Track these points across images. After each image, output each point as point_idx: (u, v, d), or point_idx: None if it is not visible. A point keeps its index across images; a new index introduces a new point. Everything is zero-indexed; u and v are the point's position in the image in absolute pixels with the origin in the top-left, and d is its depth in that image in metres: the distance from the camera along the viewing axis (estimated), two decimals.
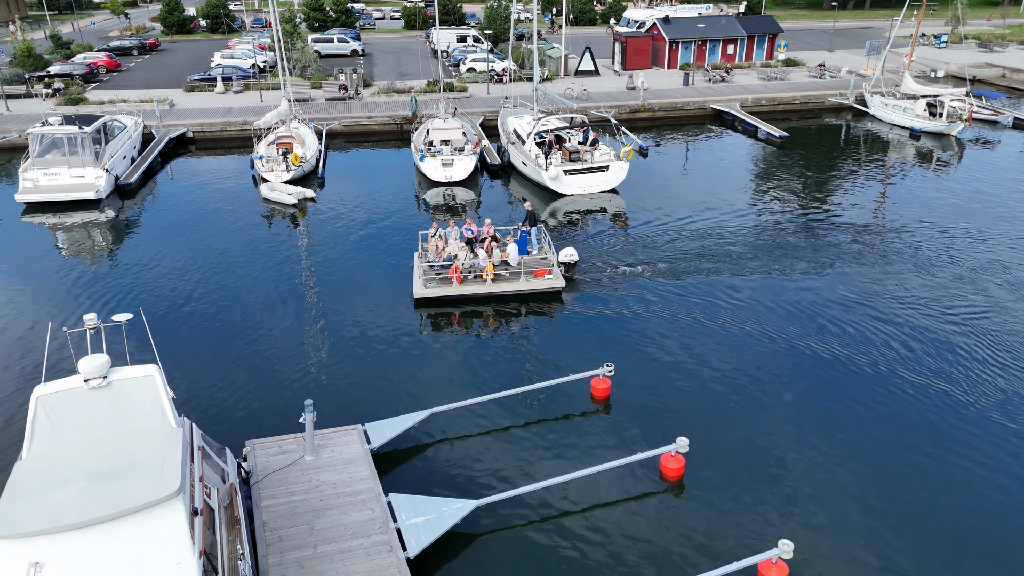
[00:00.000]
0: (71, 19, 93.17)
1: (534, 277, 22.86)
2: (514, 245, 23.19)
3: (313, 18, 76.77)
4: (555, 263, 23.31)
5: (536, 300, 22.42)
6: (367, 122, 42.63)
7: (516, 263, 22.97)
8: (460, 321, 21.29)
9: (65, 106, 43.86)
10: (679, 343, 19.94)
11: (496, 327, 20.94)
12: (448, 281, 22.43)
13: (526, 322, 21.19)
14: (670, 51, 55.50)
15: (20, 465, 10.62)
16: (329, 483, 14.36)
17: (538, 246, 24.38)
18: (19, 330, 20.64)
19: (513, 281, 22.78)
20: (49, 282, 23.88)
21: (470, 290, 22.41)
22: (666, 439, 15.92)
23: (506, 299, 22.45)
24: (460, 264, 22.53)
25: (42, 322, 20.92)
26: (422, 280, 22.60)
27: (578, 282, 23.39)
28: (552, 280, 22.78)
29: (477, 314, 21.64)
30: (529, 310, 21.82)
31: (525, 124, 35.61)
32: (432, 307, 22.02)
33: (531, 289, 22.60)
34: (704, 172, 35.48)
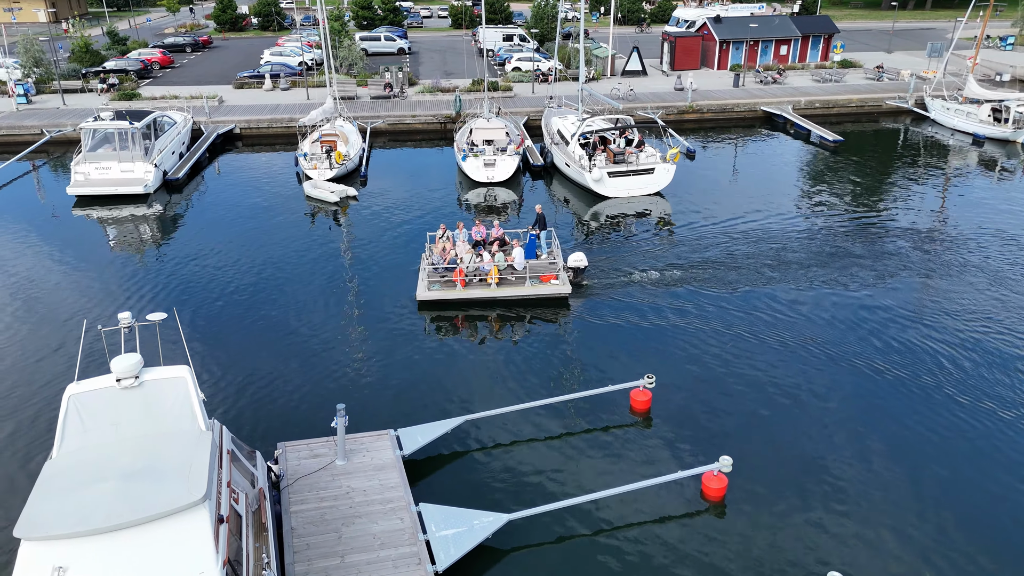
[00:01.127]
0: (128, 16, 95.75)
1: (540, 282, 22.34)
2: (520, 249, 22.68)
3: (362, 16, 77.31)
4: (561, 268, 22.69)
5: (543, 306, 21.85)
6: (411, 121, 42.58)
7: (522, 267, 22.43)
8: (493, 326, 20.87)
9: (119, 101, 44.83)
10: (721, 356, 19.19)
11: (526, 333, 20.46)
12: (452, 284, 22.03)
13: (557, 329, 20.67)
14: (720, 51, 54.23)
15: (50, 464, 10.57)
16: (359, 490, 14.09)
17: (547, 250, 23.83)
18: (59, 324, 20.96)
19: (518, 286, 22.28)
20: (92, 276, 24.23)
21: (474, 294, 21.97)
22: (708, 457, 15.27)
23: (511, 304, 21.93)
24: (464, 267, 22.11)
25: (81, 316, 21.20)
26: (426, 282, 22.26)
27: (588, 288, 22.77)
28: (558, 286, 22.21)
29: (507, 318, 21.20)
30: (549, 316, 21.26)
31: (569, 124, 35.05)
32: (435, 310, 21.64)
33: (536, 294, 22.08)
34: (753, 176, 34.43)
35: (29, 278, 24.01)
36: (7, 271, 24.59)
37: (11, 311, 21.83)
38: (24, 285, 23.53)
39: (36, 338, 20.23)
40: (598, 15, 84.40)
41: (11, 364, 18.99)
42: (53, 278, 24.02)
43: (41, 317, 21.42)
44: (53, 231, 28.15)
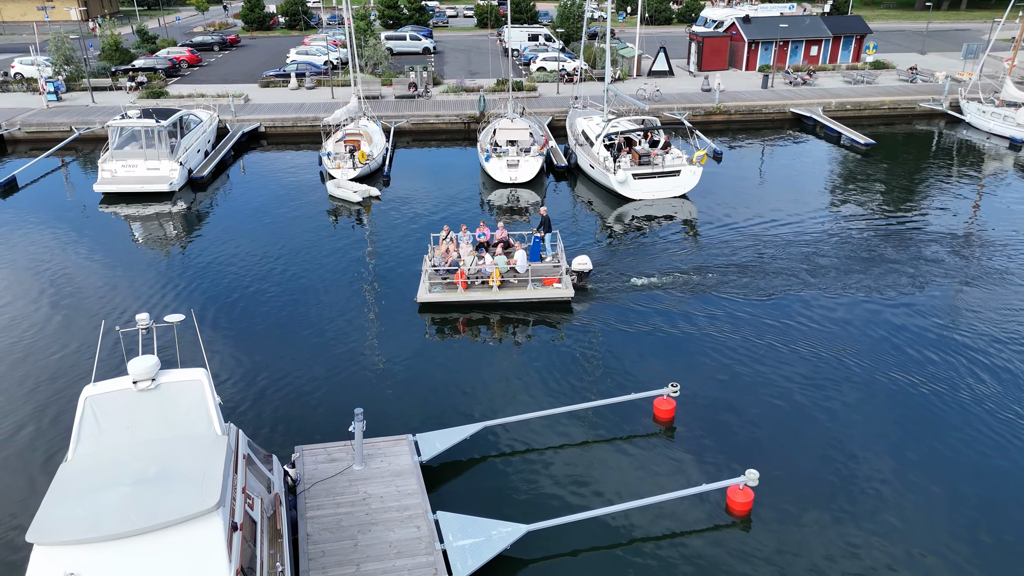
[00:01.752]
0: (158, 15, 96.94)
1: (542, 285, 22.01)
2: (522, 251, 22.33)
3: (387, 15, 77.45)
4: (564, 272, 22.32)
5: (547, 309, 21.52)
6: (435, 121, 42.43)
7: (524, 270, 22.09)
8: (512, 330, 20.57)
9: (146, 99, 45.24)
10: (748, 365, 18.70)
11: (545, 338, 20.12)
12: (453, 286, 21.78)
13: (577, 333, 20.29)
14: (749, 52, 53.42)
15: (65, 467, 10.47)
16: (376, 496, 13.87)
17: (552, 253, 23.47)
18: (80, 321, 21.02)
19: (520, 289, 21.96)
20: (115, 274, 24.34)
21: (475, 296, 21.71)
22: (734, 470, 14.84)
23: (513, 307, 21.62)
24: (466, 269, 21.84)
25: (103, 314, 21.26)
26: (427, 284, 22.00)
27: (595, 292, 22.40)
28: (560, 289, 21.85)
29: (522, 322, 20.88)
30: (567, 320, 20.89)
31: (594, 125, 34.65)
32: (436, 312, 21.41)
33: (538, 298, 21.75)
34: (781, 179, 33.77)
35: (54, 274, 24.19)
36: (33, 267, 24.80)
37: (35, 307, 21.97)
38: (48, 281, 23.69)
39: (58, 335, 20.33)
40: (624, 15, 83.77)
41: (34, 361, 19.08)
42: (77, 275, 24.17)
43: (64, 314, 21.53)
44: (79, 228, 28.37)
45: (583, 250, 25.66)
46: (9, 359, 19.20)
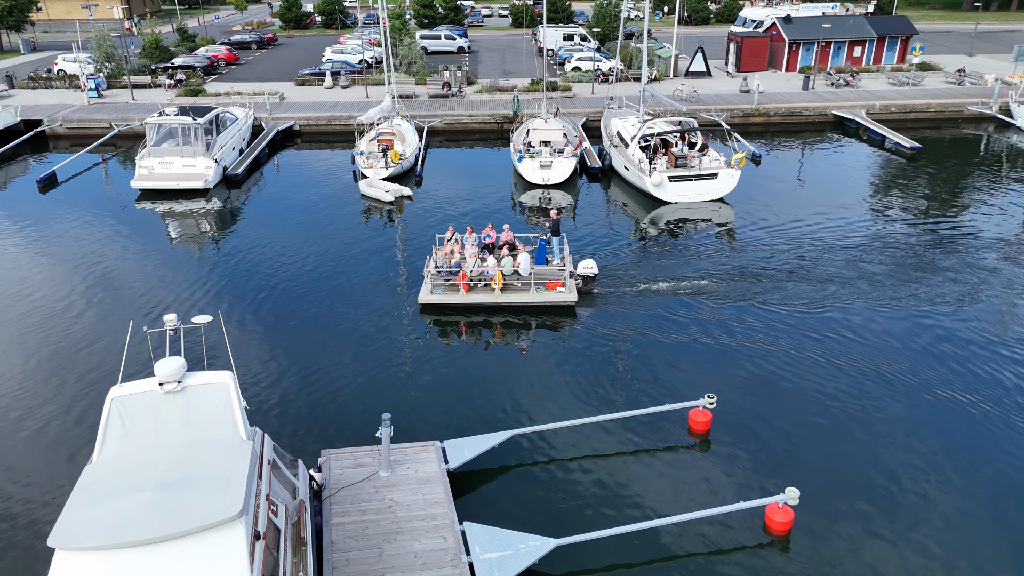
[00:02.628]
0: (198, 13, 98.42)
1: (546, 289, 21.61)
2: (526, 254, 21.96)
3: (423, 15, 77.55)
4: (568, 276, 21.89)
5: (565, 314, 21.10)
6: (468, 120, 42.19)
7: (527, 273, 21.69)
8: (540, 336, 20.15)
9: (184, 97, 45.78)
10: (788, 378, 18.04)
11: (583, 346, 19.67)
12: (456, 288, 21.47)
13: (606, 341, 19.79)
14: (790, 52, 52.26)
15: (90, 469, 10.35)
16: (402, 504, 13.59)
17: (559, 256, 23.03)
18: (111, 318, 21.09)
19: (523, 292, 21.59)
20: (147, 270, 24.47)
21: (477, 299, 21.38)
22: (772, 487, 14.26)
23: (516, 310, 21.26)
24: (468, 271, 21.50)
25: (134, 310, 21.34)
26: (430, 285, 21.72)
27: (600, 296, 21.95)
28: (563, 294, 21.44)
29: (551, 327, 20.43)
30: (596, 327, 20.37)
31: (629, 126, 34.08)
32: (437, 314, 21.13)
33: (541, 302, 21.35)
34: (822, 183, 32.82)
35: (87, 270, 24.41)
36: (68, 262, 25.06)
37: (68, 302, 22.16)
38: (82, 277, 23.90)
39: (88, 331, 20.44)
40: (661, 15, 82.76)
41: (63, 357, 19.19)
42: (110, 271, 24.34)
43: (95, 310, 21.65)
44: (115, 223, 28.65)
45: (615, 253, 25.26)
46: (40, 354, 19.35)
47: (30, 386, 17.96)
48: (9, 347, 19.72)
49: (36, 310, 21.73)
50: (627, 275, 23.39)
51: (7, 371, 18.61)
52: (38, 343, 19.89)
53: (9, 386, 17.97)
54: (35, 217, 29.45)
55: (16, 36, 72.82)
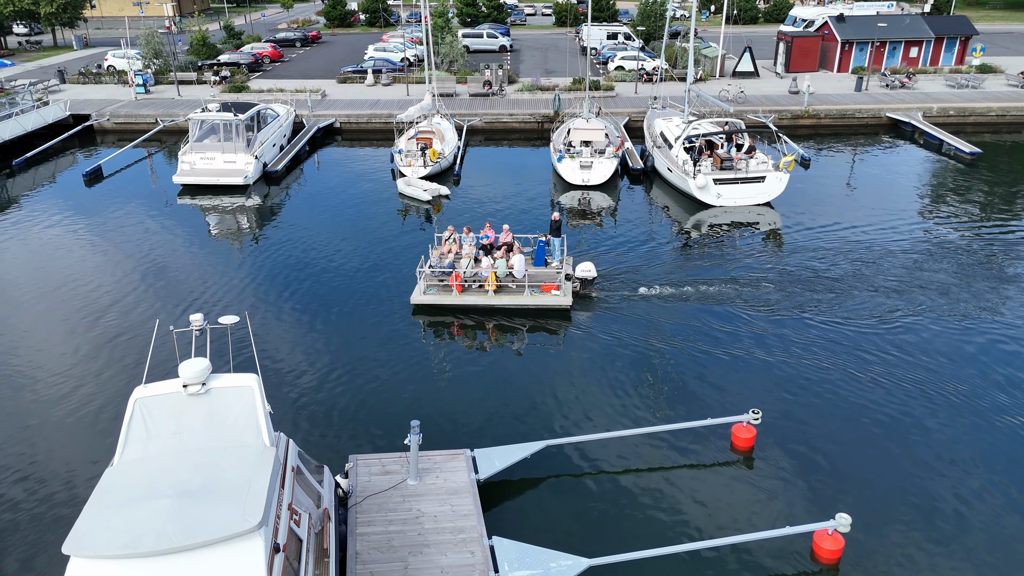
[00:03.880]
0: (245, 12, 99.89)
1: (540, 292, 21.06)
2: (519, 256, 21.35)
3: (466, 13, 77.35)
4: (563, 278, 21.29)
5: (547, 316, 20.58)
6: (508, 119, 41.68)
7: (521, 275, 21.12)
8: (573, 342, 19.50)
9: (228, 93, 46.20)
10: (840, 395, 17.08)
11: (613, 352, 18.96)
12: (449, 289, 21.08)
13: (642, 352, 19.04)
14: (842, 52, 50.57)
15: (109, 472, 10.10)
16: (430, 515, 13.12)
17: (559, 258, 22.39)
18: (139, 314, 21.03)
19: (517, 294, 21.07)
20: (180, 267, 24.46)
21: (469, 300, 20.98)
22: (821, 511, 13.41)
23: (510, 313, 20.80)
24: (462, 272, 21.02)
25: (164, 307, 21.28)
26: (423, 285, 21.35)
27: (599, 300, 21.33)
28: (558, 297, 20.86)
29: (584, 334, 19.75)
30: (631, 335, 19.63)
31: (674, 127, 33.18)
32: (430, 315, 20.74)
33: (535, 304, 20.83)
34: (875, 189, 31.47)
35: (124, 264, 24.53)
36: (106, 255, 25.24)
37: (102, 295, 22.23)
38: (118, 271, 24.01)
39: (118, 326, 20.40)
40: (708, 14, 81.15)
41: (90, 351, 19.18)
42: (145, 266, 24.41)
43: (127, 304, 21.61)
44: (156, 218, 28.85)
45: (653, 255, 24.51)
46: (68, 347, 19.37)
47: (56, 380, 17.92)
48: (39, 338, 19.83)
49: (68, 302, 21.86)
50: (665, 279, 22.60)
51: (37, 361, 18.67)
52: (67, 336, 19.94)
53: (37, 377, 18.00)
54: (79, 209, 29.86)
55: (70, 32, 74.71)
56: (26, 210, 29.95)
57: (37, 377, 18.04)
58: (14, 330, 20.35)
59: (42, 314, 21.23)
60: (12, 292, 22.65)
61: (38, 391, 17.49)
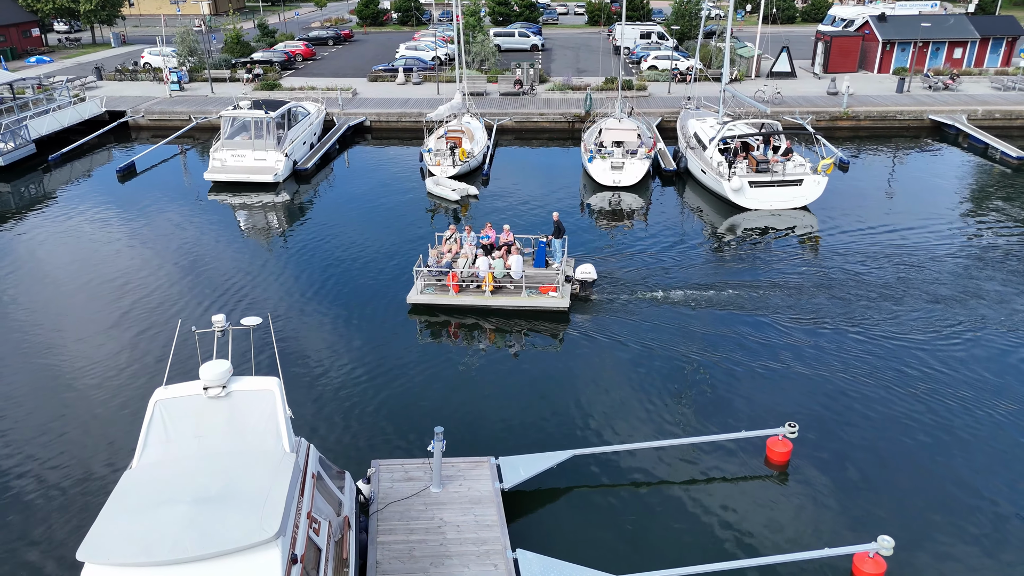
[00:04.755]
0: (279, 10, 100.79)
1: (538, 293, 20.71)
2: (517, 257, 20.97)
3: (498, 12, 77.08)
4: (562, 281, 20.91)
5: (542, 318, 20.24)
6: (538, 119, 41.26)
7: (518, 276, 20.78)
8: (600, 349, 19.01)
9: (261, 91, 46.44)
10: (876, 410, 16.39)
11: (643, 360, 18.44)
12: (446, 289, 20.84)
13: (677, 361, 18.49)
14: (883, 53, 49.25)
15: (128, 475, 9.92)
16: (453, 524, 12.78)
17: (560, 259, 21.97)
18: (163, 313, 21.00)
19: (514, 296, 20.76)
20: (206, 265, 24.42)
21: (466, 301, 20.75)
22: (860, 533, 12.80)
23: (507, 314, 20.51)
24: (459, 272, 20.73)
25: (184, 307, 21.19)
26: (421, 284, 21.11)
27: (598, 303, 20.90)
28: (555, 299, 20.50)
29: (611, 340, 19.24)
30: (662, 343, 19.08)
31: (708, 128, 32.49)
32: (426, 315, 20.50)
33: (531, 306, 20.51)
34: (917, 193, 30.45)
35: (151, 260, 24.60)
36: (135, 251, 25.35)
37: (127, 291, 22.26)
38: (145, 267, 24.08)
39: (141, 323, 20.36)
40: (743, 13, 79.85)
41: (113, 349, 19.17)
42: (172, 263, 24.44)
43: (151, 303, 21.57)
44: (186, 215, 28.96)
45: (684, 259, 23.94)
46: (91, 343, 19.37)
47: (78, 377, 17.89)
48: (64, 333, 19.89)
49: (95, 298, 21.93)
50: (697, 283, 22.01)
51: (61, 357, 18.70)
52: (92, 332, 19.94)
53: (59, 375, 18.01)
54: (111, 205, 30.11)
55: (108, 30, 75.98)
56: (60, 205, 30.29)
57: (59, 375, 18.05)
58: (41, 325, 20.46)
59: (68, 309, 21.33)
60: (41, 286, 22.82)
61: (59, 389, 17.49)
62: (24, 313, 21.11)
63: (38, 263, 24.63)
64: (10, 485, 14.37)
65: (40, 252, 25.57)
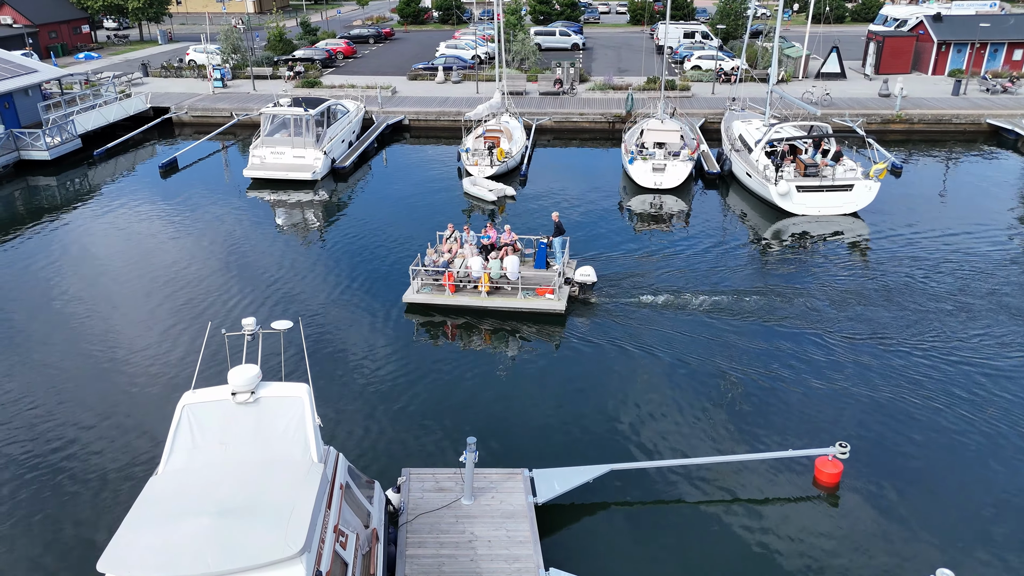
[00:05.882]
0: (322, 8, 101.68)
1: (535, 295, 20.29)
2: (514, 258, 20.59)
3: (539, 11, 76.53)
4: (560, 283, 20.47)
5: (539, 320, 19.79)
6: (578, 119, 40.62)
7: (515, 277, 20.35)
8: (646, 360, 18.36)
9: (301, 88, 46.64)
10: (934, 433, 15.48)
11: (680, 372, 17.75)
12: (442, 289, 20.55)
13: (715, 376, 17.77)
14: (938, 54, 47.48)
15: (154, 482, 9.66)
16: (484, 539, 12.33)
17: (561, 260, 21.49)
18: (193, 312, 20.99)
19: (510, 297, 20.34)
20: (239, 264, 24.36)
21: (462, 301, 20.51)
22: (919, 566, 11.99)
23: (503, 315, 20.11)
24: (455, 272, 20.43)
25: (215, 308, 21.08)
26: (418, 283, 20.88)
27: (595, 306, 20.38)
28: (552, 301, 20.06)
29: (641, 349, 18.56)
30: (708, 360, 18.35)
31: (754, 130, 31.53)
32: (422, 314, 20.25)
33: (528, 308, 20.09)
34: (974, 200, 29.09)
35: (186, 258, 24.65)
36: (172, 248, 25.44)
37: (160, 289, 22.31)
38: (179, 264, 24.13)
39: (172, 324, 20.32)
40: (790, 12, 77.93)
41: (144, 348, 19.16)
42: (206, 261, 24.44)
43: (184, 299, 21.57)
44: (224, 212, 29.05)
45: (724, 264, 23.16)
46: (123, 342, 19.40)
47: (108, 375, 17.86)
48: (97, 326, 19.94)
49: (128, 294, 22.00)
50: (737, 291, 21.24)
51: (91, 354, 18.75)
52: (123, 329, 19.94)
53: (90, 373, 18.03)
54: (152, 200, 30.37)
55: (156, 27, 77.41)
56: (103, 199, 30.66)
57: (90, 372, 18.07)
58: (74, 315, 20.57)
59: (102, 303, 21.42)
60: (76, 279, 22.99)
61: (91, 384, 17.50)
62: (59, 304, 21.26)
63: (77, 256, 24.86)
64: (40, 481, 14.33)
65: (78, 245, 25.83)
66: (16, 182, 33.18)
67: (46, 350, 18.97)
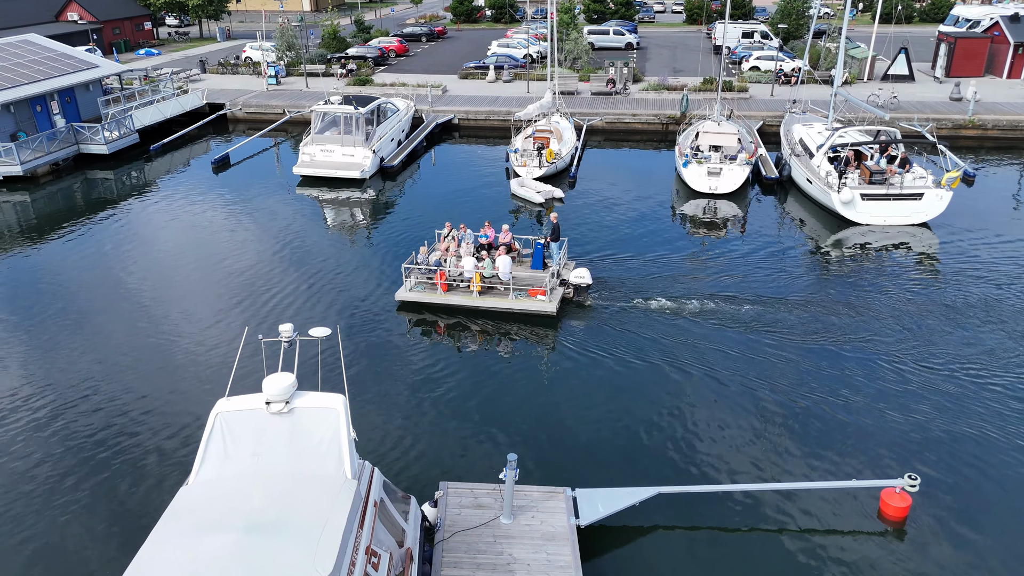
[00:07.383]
0: (376, 7, 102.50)
1: (527, 296, 19.88)
2: (505, 257, 20.15)
3: (593, 9, 75.55)
4: (552, 286, 20.02)
5: (530, 322, 19.35)
6: (630, 120, 39.69)
7: (506, 277, 19.99)
8: (691, 373, 17.50)
9: (353, 86, 46.79)
10: (1013, 469, 14.30)
11: (745, 389, 16.84)
12: (435, 287, 20.56)
13: (772, 403, 16.80)
14: (1014, 56, 45.01)
15: (184, 492, 9.37)
16: (523, 562, 11.74)
17: (558, 262, 20.92)
18: (233, 312, 20.86)
19: (502, 298, 20.22)
20: (281, 266, 24.19)
21: (453, 300, 20.40)
22: None
23: (495, 316, 19.77)
24: (447, 271, 20.08)
25: (256, 302, 20.95)
26: (412, 281, 20.67)
27: (592, 309, 19.87)
28: (543, 302, 19.63)
29: (678, 363, 17.67)
30: (769, 381, 17.36)
31: (816, 134, 30.19)
32: (414, 312, 20.05)
33: (519, 309, 19.97)
34: None
35: (230, 256, 24.65)
36: (217, 245, 25.51)
37: (203, 285, 22.31)
38: (222, 263, 24.14)
39: (210, 326, 20.17)
40: (855, 12, 75.24)
41: (184, 349, 19.09)
42: (251, 260, 24.39)
43: (225, 300, 21.46)
44: (272, 209, 29.11)
45: (786, 278, 22.04)
46: (160, 340, 19.36)
47: (143, 377, 17.74)
48: (142, 324, 20.00)
49: (178, 291, 22.07)
50: (793, 306, 20.17)
51: (129, 352, 18.74)
52: (167, 328, 19.91)
53: (127, 375, 18.00)
54: (203, 196, 30.66)
55: (215, 25, 78.99)
56: (156, 194, 31.09)
57: (127, 374, 18.04)
58: (118, 308, 20.69)
59: (147, 298, 21.54)
60: (124, 273, 23.18)
61: (127, 390, 17.49)
62: (106, 299, 21.44)
63: (128, 250, 25.14)
64: (76, 481, 14.30)
65: (132, 240, 26.14)
66: (76, 175, 33.94)
67: (85, 346, 19.11)
